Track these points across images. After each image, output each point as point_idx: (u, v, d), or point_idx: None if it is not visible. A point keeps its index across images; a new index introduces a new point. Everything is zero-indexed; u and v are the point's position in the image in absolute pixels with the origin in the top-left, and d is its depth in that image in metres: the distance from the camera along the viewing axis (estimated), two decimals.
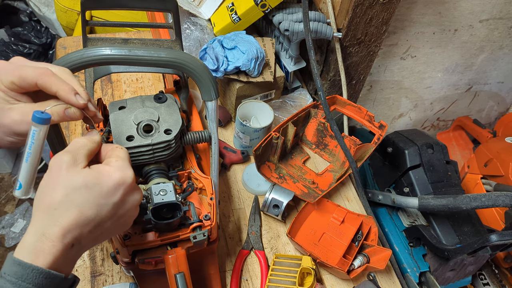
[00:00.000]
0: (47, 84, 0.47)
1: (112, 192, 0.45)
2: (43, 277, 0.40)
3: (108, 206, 0.45)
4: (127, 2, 0.71)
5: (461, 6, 1.20)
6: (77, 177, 0.44)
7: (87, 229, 0.44)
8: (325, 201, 0.91)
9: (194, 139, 0.70)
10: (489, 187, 1.25)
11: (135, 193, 0.49)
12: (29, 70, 0.47)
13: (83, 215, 0.44)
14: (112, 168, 0.47)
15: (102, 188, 0.45)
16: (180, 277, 0.59)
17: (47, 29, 1.95)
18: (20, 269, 0.40)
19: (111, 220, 0.47)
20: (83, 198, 0.44)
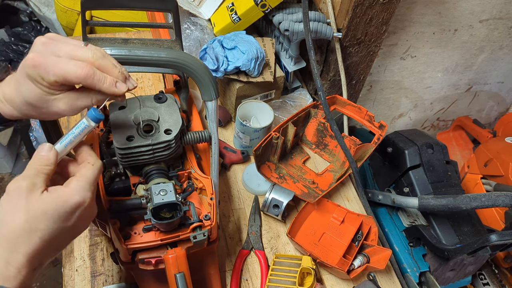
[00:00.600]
0: (90, 85, 0.49)
1: (69, 215, 0.46)
2: None
3: (66, 228, 0.46)
4: (127, 2, 0.71)
5: (461, 6, 1.20)
6: (36, 204, 0.44)
7: (48, 251, 0.46)
8: (325, 201, 0.91)
9: (194, 139, 0.70)
10: (489, 187, 1.25)
11: (91, 212, 0.50)
12: (71, 70, 0.47)
13: (44, 241, 0.44)
14: (71, 191, 0.47)
15: (60, 214, 0.45)
16: (180, 277, 0.59)
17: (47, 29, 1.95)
18: None
19: (69, 238, 0.49)
20: (43, 225, 0.44)
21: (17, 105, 0.51)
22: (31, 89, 0.49)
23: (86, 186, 0.48)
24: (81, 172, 0.49)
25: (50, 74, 0.47)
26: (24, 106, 0.51)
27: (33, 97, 0.49)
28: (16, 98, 0.51)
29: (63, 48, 0.49)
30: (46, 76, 0.47)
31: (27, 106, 0.51)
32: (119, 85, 0.50)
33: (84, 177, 0.48)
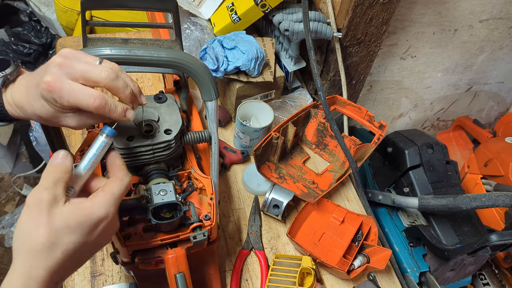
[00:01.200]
0: (102, 115, 0.50)
1: (93, 229, 0.46)
2: None
3: (88, 243, 0.46)
4: (127, 2, 0.71)
5: (461, 6, 1.20)
6: (59, 218, 0.43)
7: (69, 266, 0.45)
8: (325, 201, 0.91)
9: (194, 139, 0.70)
10: (489, 187, 1.25)
11: (114, 226, 0.49)
12: (84, 100, 0.48)
13: (66, 256, 0.44)
14: (96, 205, 0.46)
15: (83, 228, 0.45)
16: (180, 277, 0.59)
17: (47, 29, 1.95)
18: None
19: (91, 252, 0.49)
20: (66, 239, 0.44)
21: (27, 113, 0.52)
22: (43, 106, 0.50)
23: (111, 201, 0.47)
24: (109, 187, 0.48)
25: (64, 100, 0.48)
26: (34, 116, 0.52)
27: (44, 112, 0.50)
28: (26, 108, 0.52)
29: (78, 69, 0.49)
30: (59, 101, 0.48)
31: (37, 117, 0.52)
32: (128, 114, 0.52)
33: (111, 192, 0.48)
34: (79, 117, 0.51)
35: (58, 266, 0.43)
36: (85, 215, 0.45)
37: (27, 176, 2.02)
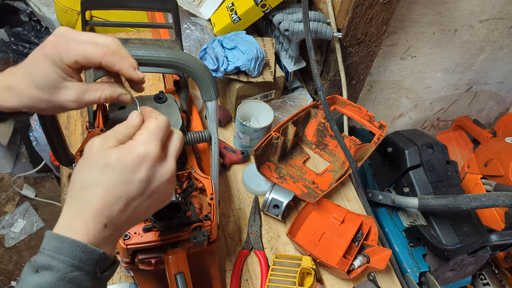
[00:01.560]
0: (110, 63, 0.49)
1: (134, 167, 0.43)
2: (80, 250, 0.40)
3: (134, 184, 0.43)
4: (127, 2, 0.71)
5: (461, 6, 1.20)
6: (102, 157, 0.43)
7: (117, 208, 0.43)
8: (325, 201, 0.91)
9: (194, 139, 0.70)
10: (489, 187, 1.25)
11: (163, 167, 0.46)
12: (91, 49, 0.48)
13: (109, 194, 0.43)
14: (135, 143, 0.45)
15: (124, 165, 0.43)
16: (180, 277, 0.59)
17: (47, 29, 1.95)
18: (58, 242, 0.40)
19: (141, 197, 0.45)
20: (108, 177, 0.43)
21: (21, 92, 0.50)
22: (45, 70, 0.48)
23: (150, 136, 0.45)
24: (145, 126, 0.47)
25: (71, 53, 0.47)
26: (30, 90, 0.49)
27: (44, 79, 0.48)
28: (22, 83, 0.50)
29: (83, 36, 0.49)
30: (66, 56, 0.47)
31: (33, 91, 0.49)
32: (138, 72, 0.51)
33: (147, 129, 0.46)
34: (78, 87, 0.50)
35: (102, 204, 0.42)
36: (125, 152, 0.44)
37: (27, 176, 2.02)
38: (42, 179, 2.04)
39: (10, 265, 1.76)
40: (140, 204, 0.45)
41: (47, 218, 1.93)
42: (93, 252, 0.41)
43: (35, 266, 0.40)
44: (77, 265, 0.40)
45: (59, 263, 0.40)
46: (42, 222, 1.90)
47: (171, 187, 0.48)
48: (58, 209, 1.94)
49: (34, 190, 1.99)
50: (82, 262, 0.40)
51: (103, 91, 0.51)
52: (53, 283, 0.39)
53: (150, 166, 0.44)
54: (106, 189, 0.42)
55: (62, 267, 0.40)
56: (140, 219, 0.48)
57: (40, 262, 0.40)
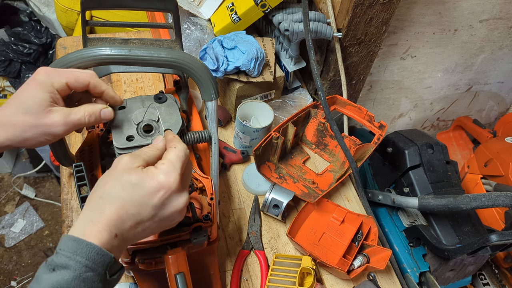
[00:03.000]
0: (98, 84, 0.55)
1: (152, 194, 0.48)
2: (96, 252, 0.44)
3: (148, 207, 0.48)
4: (127, 2, 0.71)
5: (461, 6, 1.20)
6: (126, 175, 0.47)
7: (128, 224, 0.47)
8: (325, 201, 0.91)
9: (194, 139, 0.70)
10: (489, 187, 1.25)
11: (177, 198, 0.50)
12: (80, 74, 0.54)
13: (124, 210, 0.46)
14: (157, 171, 0.49)
15: (144, 188, 0.47)
16: (180, 277, 0.59)
17: (47, 29, 1.95)
18: (75, 244, 0.43)
19: (151, 220, 0.49)
20: (127, 194, 0.47)
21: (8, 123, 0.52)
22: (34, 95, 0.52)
23: (170, 167, 0.49)
24: (166, 156, 0.51)
25: (63, 78, 0.52)
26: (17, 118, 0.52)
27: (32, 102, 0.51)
28: (10, 112, 0.52)
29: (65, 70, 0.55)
30: (57, 80, 0.52)
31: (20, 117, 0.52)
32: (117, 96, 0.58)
33: (168, 160, 0.50)
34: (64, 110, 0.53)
35: (116, 216, 0.46)
36: (147, 177, 0.48)
37: (27, 176, 2.02)
38: (42, 179, 2.04)
39: (10, 265, 1.76)
40: (149, 226, 0.49)
41: (47, 218, 1.93)
42: (105, 256, 0.44)
43: (52, 265, 0.43)
44: (90, 266, 0.43)
45: (76, 263, 0.43)
46: (42, 222, 1.90)
47: (181, 216, 0.52)
48: (58, 209, 1.94)
49: (34, 190, 1.99)
50: (95, 263, 0.44)
51: (86, 109, 0.55)
52: (69, 281, 0.42)
53: (167, 195, 0.49)
54: (122, 204, 0.47)
55: (78, 266, 0.43)
56: (145, 237, 0.51)
57: (57, 262, 0.43)
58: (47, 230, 1.88)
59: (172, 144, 0.53)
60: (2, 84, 2.02)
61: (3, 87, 2.02)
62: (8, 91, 2.04)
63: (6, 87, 2.03)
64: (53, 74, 0.52)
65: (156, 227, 0.50)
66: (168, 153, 0.51)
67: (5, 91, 2.04)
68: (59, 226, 1.88)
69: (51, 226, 1.89)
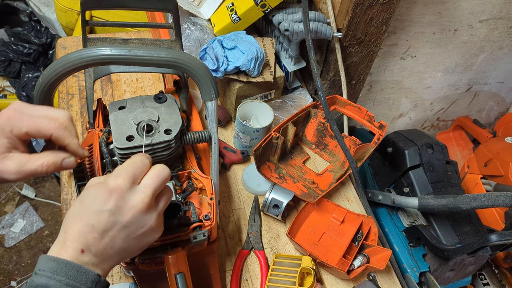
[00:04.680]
0: (60, 137, 0.51)
1: (105, 199, 0.47)
2: (75, 270, 0.44)
3: (104, 214, 0.47)
4: (127, 2, 0.71)
5: (461, 6, 1.20)
6: (85, 191, 0.48)
7: (91, 236, 0.46)
8: (325, 201, 0.91)
9: (194, 139, 0.70)
10: (489, 187, 1.25)
11: (131, 197, 0.48)
12: (44, 123, 0.51)
13: (83, 223, 0.47)
14: (107, 178, 0.49)
15: (97, 197, 0.47)
16: (180, 277, 0.59)
17: (47, 29, 1.95)
18: (55, 263, 0.44)
19: (115, 228, 0.48)
20: (83, 207, 0.47)
21: None
22: None
23: (120, 172, 0.49)
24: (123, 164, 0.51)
25: (24, 126, 0.50)
26: None
27: None
28: None
29: (36, 110, 0.52)
30: (17, 128, 0.50)
31: None
32: (84, 151, 0.55)
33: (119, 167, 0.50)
34: (20, 158, 0.50)
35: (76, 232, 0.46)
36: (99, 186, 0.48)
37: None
38: (42, 179, 2.04)
39: (10, 265, 1.76)
40: (116, 234, 0.48)
41: (47, 218, 1.93)
42: (87, 273, 0.45)
43: (32, 286, 0.43)
44: (72, 284, 0.43)
45: (56, 282, 0.43)
46: (42, 222, 1.90)
47: (149, 220, 0.50)
48: (58, 209, 1.94)
49: (34, 190, 1.98)
50: (78, 281, 0.44)
51: (46, 158, 0.51)
52: None
53: (118, 197, 0.47)
54: (81, 218, 0.47)
55: (59, 285, 0.43)
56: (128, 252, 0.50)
57: (37, 282, 0.43)
58: (47, 230, 1.88)
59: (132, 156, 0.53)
60: (2, 84, 2.02)
61: (3, 87, 2.02)
62: (8, 91, 2.04)
63: (6, 87, 2.03)
64: (14, 120, 0.50)
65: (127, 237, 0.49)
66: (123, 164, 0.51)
67: (5, 91, 2.04)
68: (59, 226, 1.88)
69: (51, 226, 1.89)
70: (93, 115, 0.74)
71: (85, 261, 0.46)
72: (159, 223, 0.52)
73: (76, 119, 1.01)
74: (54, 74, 0.56)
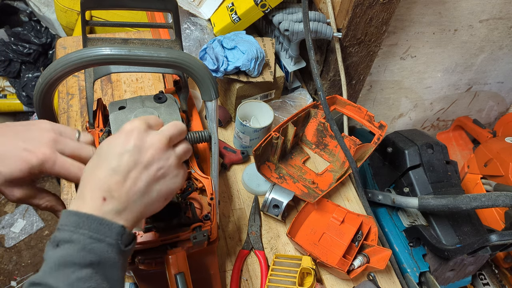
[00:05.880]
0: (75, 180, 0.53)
1: (124, 142, 0.47)
2: (98, 223, 0.43)
3: (125, 155, 0.47)
4: (127, 2, 0.71)
5: (461, 6, 1.20)
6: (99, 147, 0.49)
7: (114, 180, 0.46)
8: (325, 201, 0.91)
9: (194, 139, 0.70)
10: (489, 187, 1.25)
11: (149, 136, 0.49)
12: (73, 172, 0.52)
13: (102, 168, 0.46)
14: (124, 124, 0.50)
15: (115, 143, 0.48)
16: (180, 277, 0.59)
17: (47, 29, 1.95)
18: (77, 218, 0.43)
19: (135, 167, 0.47)
20: (102, 156, 0.47)
21: None
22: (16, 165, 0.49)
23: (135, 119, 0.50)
24: None
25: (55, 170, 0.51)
26: None
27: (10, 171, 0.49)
28: None
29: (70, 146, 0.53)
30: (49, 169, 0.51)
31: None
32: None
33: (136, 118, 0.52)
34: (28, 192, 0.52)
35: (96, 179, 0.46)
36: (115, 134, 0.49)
37: None
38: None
39: (10, 265, 1.76)
40: (137, 176, 0.47)
41: (47, 218, 1.92)
42: (110, 225, 0.44)
43: (55, 241, 0.43)
44: (96, 237, 0.43)
45: (79, 235, 0.43)
46: (42, 222, 1.90)
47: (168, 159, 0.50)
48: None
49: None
50: (101, 234, 0.43)
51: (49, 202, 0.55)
52: (74, 254, 0.42)
53: (136, 136, 0.48)
54: (99, 167, 0.46)
55: (82, 239, 0.43)
56: (150, 197, 0.49)
57: (60, 237, 0.43)
58: (47, 230, 1.88)
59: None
60: (2, 84, 2.02)
61: (3, 87, 2.02)
62: (8, 91, 2.04)
63: (6, 87, 2.03)
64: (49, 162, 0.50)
65: (150, 178, 0.48)
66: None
67: (5, 91, 2.04)
68: None
69: (51, 226, 1.89)
70: (93, 115, 0.74)
71: (108, 210, 0.45)
72: (179, 165, 0.51)
73: (76, 119, 1.01)
74: (54, 74, 0.56)
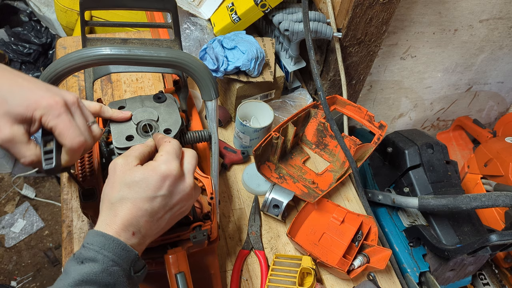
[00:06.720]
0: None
1: (159, 186, 0.50)
2: (121, 248, 0.47)
3: (158, 199, 0.50)
4: (126, 2, 0.71)
5: (461, 6, 1.20)
6: (128, 175, 0.50)
7: (144, 220, 0.49)
8: (325, 201, 0.91)
9: (194, 138, 0.70)
10: (489, 187, 1.25)
11: (182, 183, 0.53)
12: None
13: (137, 208, 0.49)
14: (157, 163, 0.51)
15: (149, 183, 0.50)
16: (181, 277, 0.59)
17: (47, 29, 1.95)
18: (103, 239, 0.46)
19: (163, 210, 0.51)
20: (135, 192, 0.49)
21: None
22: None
23: (170, 157, 0.52)
24: (162, 149, 0.54)
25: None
26: None
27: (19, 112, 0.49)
28: None
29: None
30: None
31: None
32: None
33: (165, 151, 0.53)
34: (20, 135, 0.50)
35: (130, 215, 0.48)
36: (150, 171, 0.50)
37: (27, 176, 2.02)
38: (42, 179, 2.04)
39: (10, 265, 1.76)
40: (163, 216, 0.52)
41: (47, 218, 1.93)
42: (130, 252, 0.47)
43: (80, 258, 0.46)
44: (117, 261, 0.46)
45: (103, 257, 0.45)
46: (42, 222, 1.90)
47: (191, 200, 0.55)
48: (58, 209, 1.94)
49: (34, 190, 1.98)
50: (121, 259, 0.46)
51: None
52: (98, 273, 0.45)
53: (172, 182, 0.51)
54: (134, 203, 0.49)
55: (106, 260, 0.45)
56: (163, 229, 0.54)
57: (85, 255, 0.46)
58: (47, 230, 1.88)
59: (166, 139, 0.56)
60: None
61: None
62: None
63: None
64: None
65: (171, 216, 0.52)
66: (164, 147, 0.54)
67: None
68: (59, 226, 1.88)
69: (51, 226, 1.89)
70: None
71: (134, 243, 0.48)
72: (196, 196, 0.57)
73: None
74: (54, 74, 0.56)
